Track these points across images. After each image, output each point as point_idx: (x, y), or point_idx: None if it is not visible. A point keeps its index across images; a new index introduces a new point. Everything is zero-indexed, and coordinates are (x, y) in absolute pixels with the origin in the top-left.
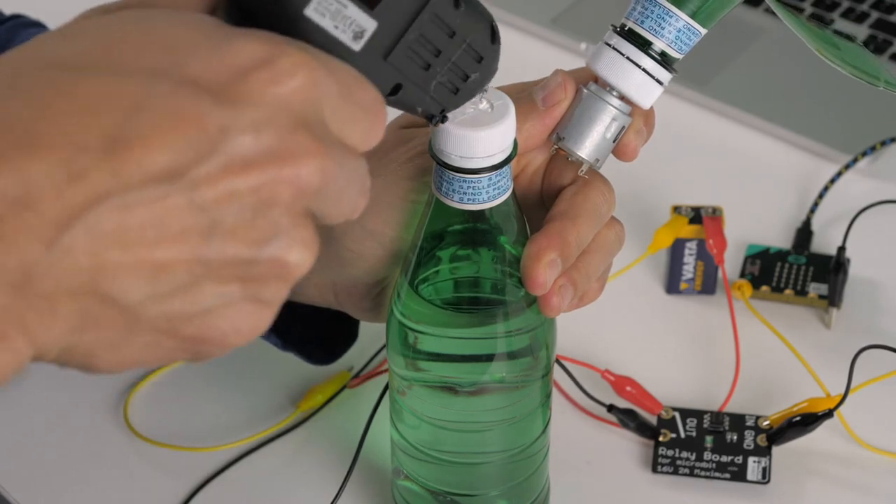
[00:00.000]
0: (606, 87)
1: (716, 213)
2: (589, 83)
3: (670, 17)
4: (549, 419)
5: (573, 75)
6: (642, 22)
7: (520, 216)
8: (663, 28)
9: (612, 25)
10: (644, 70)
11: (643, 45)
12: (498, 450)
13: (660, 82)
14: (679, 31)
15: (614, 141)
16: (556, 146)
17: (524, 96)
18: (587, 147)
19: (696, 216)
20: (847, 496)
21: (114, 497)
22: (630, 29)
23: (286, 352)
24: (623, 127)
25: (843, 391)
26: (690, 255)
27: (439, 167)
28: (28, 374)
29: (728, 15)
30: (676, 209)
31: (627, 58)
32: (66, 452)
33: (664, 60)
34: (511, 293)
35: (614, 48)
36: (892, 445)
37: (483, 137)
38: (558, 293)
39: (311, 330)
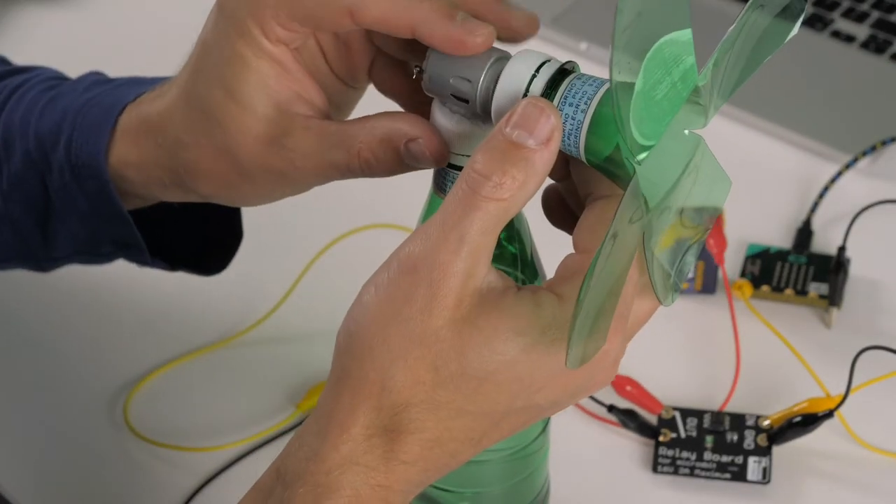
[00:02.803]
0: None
1: None
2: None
3: (582, 112)
4: (549, 419)
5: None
6: (570, 88)
7: (520, 214)
8: (574, 103)
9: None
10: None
11: (550, 85)
12: (497, 448)
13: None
14: (573, 120)
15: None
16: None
17: None
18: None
19: None
20: (847, 496)
21: (114, 497)
22: (565, 70)
23: (176, 271)
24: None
25: (842, 391)
26: None
27: (445, 169)
28: (28, 374)
29: (728, 15)
30: None
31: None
32: (66, 452)
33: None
34: None
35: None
36: (892, 445)
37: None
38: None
39: (194, 243)
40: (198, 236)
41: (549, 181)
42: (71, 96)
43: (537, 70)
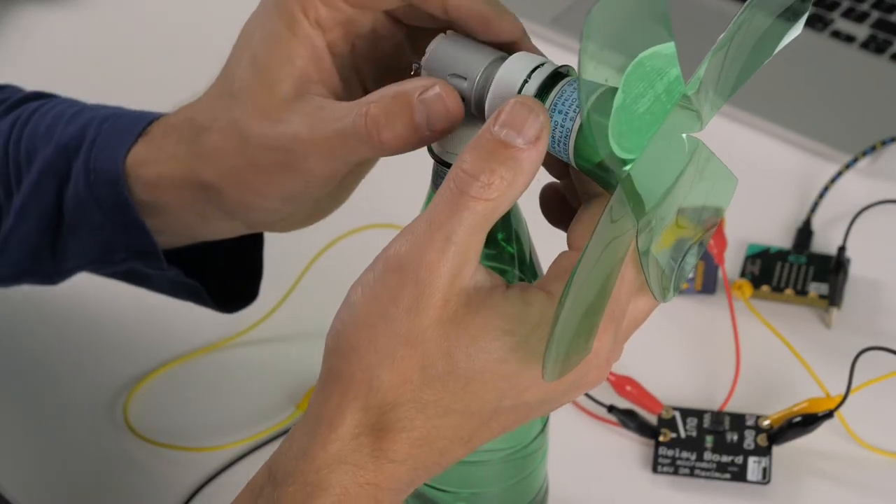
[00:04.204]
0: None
1: None
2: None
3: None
4: (548, 419)
5: None
6: (562, 94)
7: (518, 214)
8: (563, 110)
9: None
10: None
11: (544, 87)
12: (495, 448)
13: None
14: (561, 127)
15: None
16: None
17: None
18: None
19: None
20: (847, 496)
21: (114, 497)
22: (559, 73)
23: (185, 293)
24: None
25: (842, 391)
26: None
27: (443, 168)
28: (28, 374)
29: (727, 14)
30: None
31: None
32: (66, 452)
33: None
34: None
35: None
36: (892, 445)
37: None
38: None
39: (212, 283)
40: (214, 281)
41: (546, 178)
42: (98, 108)
43: (529, 75)
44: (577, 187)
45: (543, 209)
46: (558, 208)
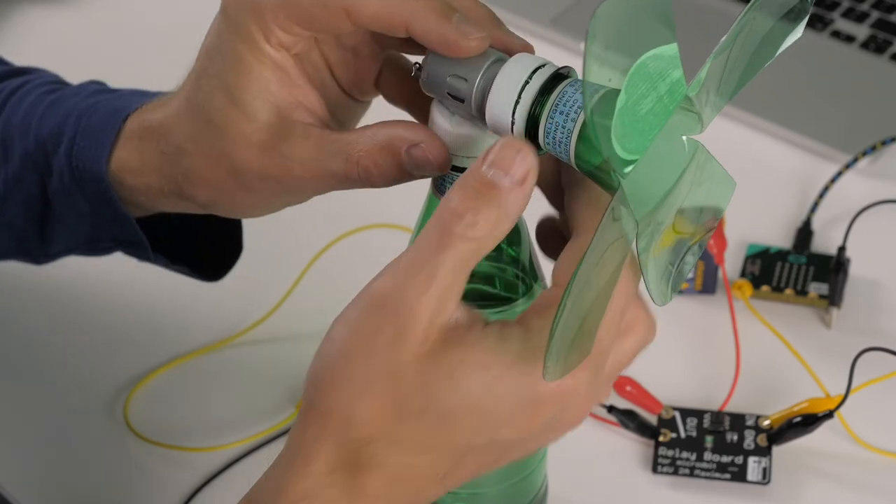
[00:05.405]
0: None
1: None
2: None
3: (571, 120)
4: None
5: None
6: (562, 96)
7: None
8: (565, 111)
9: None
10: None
11: (543, 91)
12: None
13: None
14: (559, 126)
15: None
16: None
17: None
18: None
19: None
20: (847, 496)
21: (114, 497)
22: (559, 74)
23: (175, 270)
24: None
25: (842, 391)
26: None
27: None
28: (28, 374)
29: (726, 14)
30: None
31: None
32: (66, 452)
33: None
34: (510, 290)
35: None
36: (892, 445)
37: (490, 136)
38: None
39: (195, 246)
40: (199, 241)
41: (542, 198)
42: (73, 100)
43: (530, 76)
44: (570, 222)
45: (539, 242)
46: (554, 241)
